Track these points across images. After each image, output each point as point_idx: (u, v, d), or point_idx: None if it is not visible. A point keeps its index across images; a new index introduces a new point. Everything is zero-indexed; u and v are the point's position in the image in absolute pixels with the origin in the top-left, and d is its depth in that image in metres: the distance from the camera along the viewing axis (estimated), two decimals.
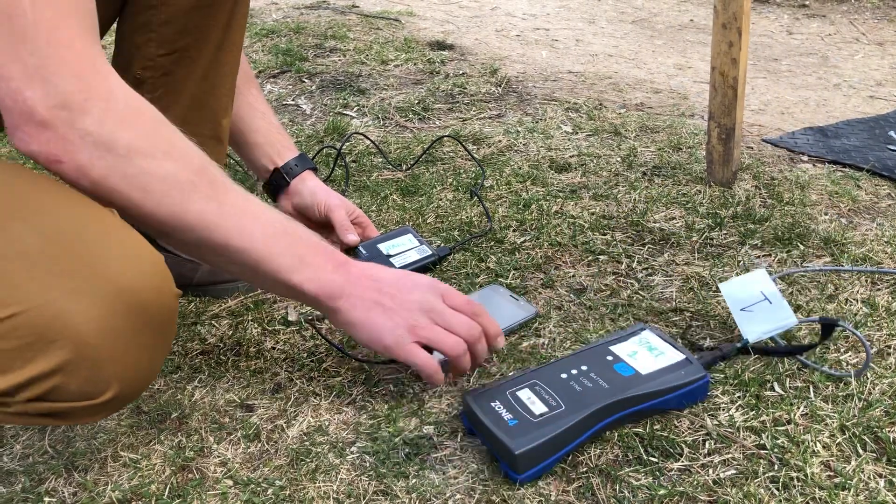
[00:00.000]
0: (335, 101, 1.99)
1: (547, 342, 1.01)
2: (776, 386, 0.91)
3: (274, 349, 1.02)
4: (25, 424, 0.88)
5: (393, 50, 2.41)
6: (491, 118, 1.86)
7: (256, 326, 1.06)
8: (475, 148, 1.64)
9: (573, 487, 0.79)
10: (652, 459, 0.82)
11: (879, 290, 1.10)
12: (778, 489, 0.78)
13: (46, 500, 0.79)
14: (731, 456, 0.82)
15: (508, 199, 1.39)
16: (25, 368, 0.63)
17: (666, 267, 1.18)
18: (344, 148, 1.62)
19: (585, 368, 0.88)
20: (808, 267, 1.16)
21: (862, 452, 0.81)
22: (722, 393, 0.90)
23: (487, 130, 1.75)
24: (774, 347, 0.97)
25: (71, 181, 0.68)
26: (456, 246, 1.23)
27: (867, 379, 0.91)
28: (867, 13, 3.02)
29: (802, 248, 1.21)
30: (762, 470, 0.80)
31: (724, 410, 0.88)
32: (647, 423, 0.86)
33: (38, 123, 0.64)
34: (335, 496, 0.79)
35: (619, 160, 1.56)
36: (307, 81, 2.15)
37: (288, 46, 2.41)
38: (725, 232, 1.26)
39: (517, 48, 2.54)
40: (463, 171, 1.52)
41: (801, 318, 0.99)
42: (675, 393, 0.86)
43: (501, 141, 1.67)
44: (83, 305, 0.63)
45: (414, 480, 0.80)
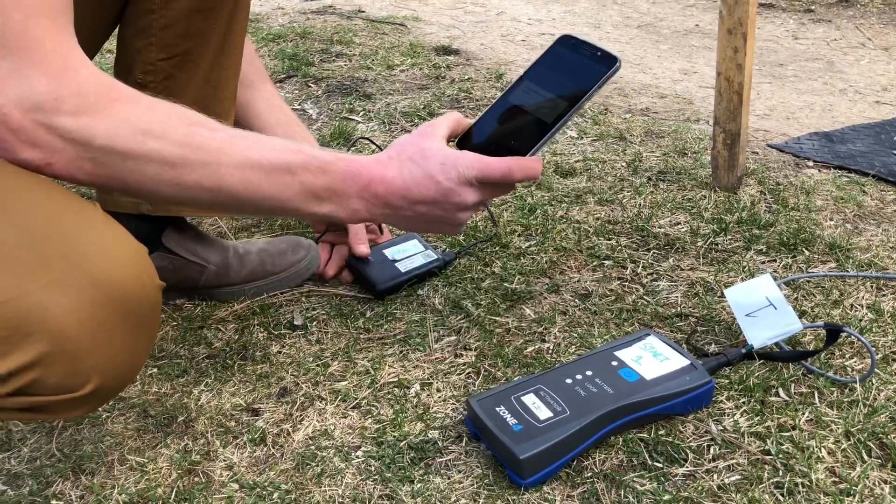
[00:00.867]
0: (341, 105, 2.00)
1: (552, 347, 1.01)
2: (781, 391, 0.91)
3: (280, 353, 1.02)
4: (7, 419, 0.88)
5: (399, 55, 2.42)
6: None
7: (262, 330, 1.07)
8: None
9: (578, 492, 0.79)
10: (657, 465, 0.82)
11: (885, 295, 1.10)
12: (783, 495, 0.78)
13: (54, 502, 0.80)
14: (735, 461, 0.82)
15: (513, 204, 1.39)
16: (2, 362, 0.63)
17: (671, 272, 1.18)
18: (349, 153, 1.62)
19: (590, 373, 0.88)
20: (813, 272, 1.16)
21: (867, 458, 0.81)
22: (727, 398, 0.91)
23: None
24: (779, 353, 0.97)
25: (67, 179, 0.69)
26: (461, 251, 1.23)
27: (872, 385, 0.92)
28: (873, 18, 3.02)
29: (808, 253, 1.21)
30: (767, 475, 0.80)
31: (728, 416, 0.88)
32: (651, 428, 0.86)
33: (13, 129, 0.64)
34: (340, 500, 0.79)
35: (624, 165, 1.56)
36: (313, 86, 2.16)
37: (294, 51, 2.42)
38: (730, 237, 1.27)
39: (523, 53, 2.55)
40: None
41: (806, 323, 1.00)
42: (679, 398, 0.86)
43: None
44: (60, 297, 0.63)
45: (419, 485, 0.81)
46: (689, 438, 0.85)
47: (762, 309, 0.96)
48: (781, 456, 0.82)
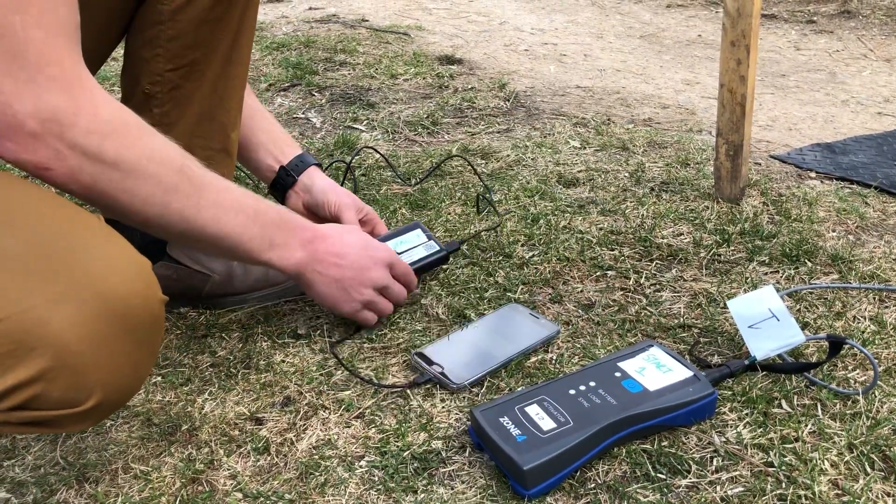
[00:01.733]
0: (345, 114, 2.01)
1: (555, 357, 1.01)
2: (784, 403, 0.92)
3: (283, 362, 1.02)
4: (11, 433, 0.89)
5: (402, 64, 2.43)
6: (499, 133, 1.87)
7: (266, 339, 1.07)
8: (483, 162, 1.64)
9: (581, 503, 0.79)
10: (660, 476, 0.82)
11: (887, 307, 1.10)
12: None
13: None
14: (738, 473, 0.82)
15: (517, 213, 1.40)
16: (6, 377, 0.63)
17: (674, 283, 1.18)
18: (353, 162, 1.63)
19: (594, 384, 0.88)
20: (815, 284, 1.16)
21: (870, 471, 0.82)
22: (730, 410, 0.91)
23: (496, 145, 1.76)
24: (782, 365, 0.97)
25: (59, 186, 0.72)
26: (465, 240, 1.23)
27: (875, 397, 0.92)
28: (875, 29, 3.03)
29: (810, 265, 1.21)
30: (770, 487, 0.80)
31: (731, 427, 0.88)
32: (654, 439, 0.86)
33: (28, 135, 0.67)
34: None
35: (627, 175, 1.57)
36: (317, 95, 2.17)
37: (298, 60, 2.43)
38: (733, 248, 1.27)
39: (525, 63, 2.56)
40: (471, 185, 1.53)
41: (808, 335, 1.00)
42: (682, 409, 0.86)
43: (510, 155, 1.68)
44: (63, 312, 0.64)
45: (422, 495, 0.81)
46: (692, 450, 0.85)
47: (765, 320, 0.97)
48: (784, 468, 0.82)
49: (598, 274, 1.21)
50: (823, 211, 1.40)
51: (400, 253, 1.16)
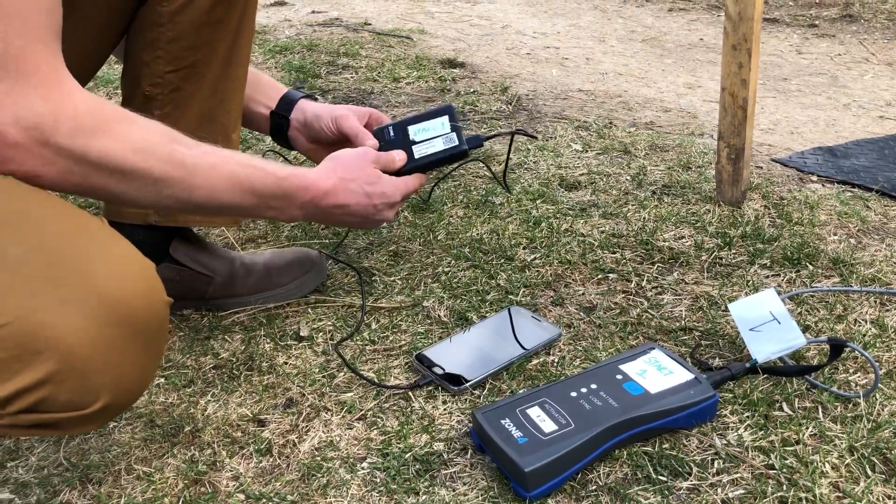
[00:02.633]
0: None
1: (557, 360, 1.02)
2: (785, 406, 0.92)
3: (286, 364, 1.03)
4: (18, 435, 0.89)
5: (404, 67, 2.43)
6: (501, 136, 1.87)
7: (269, 341, 1.07)
8: (483, 166, 1.65)
9: None
10: (661, 478, 0.82)
11: (888, 310, 1.11)
12: None
13: None
14: (739, 475, 0.82)
15: (519, 216, 1.40)
16: (13, 381, 0.64)
17: (675, 286, 1.18)
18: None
19: (595, 387, 0.89)
20: (816, 287, 1.16)
21: (871, 474, 0.82)
22: (731, 412, 0.91)
23: (498, 148, 1.76)
24: (783, 367, 0.98)
25: (51, 189, 0.72)
26: (490, 136, 1.20)
27: (876, 400, 0.92)
28: (877, 33, 3.03)
29: (811, 268, 1.21)
30: (771, 490, 0.80)
31: (732, 430, 0.88)
32: (656, 441, 0.87)
33: (11, 145, 0.68)
34: None
35: (628, 179, 1.57)
36: (320, 98, 2.17)
37: (301, 63, 2.43)
38: (734, 251, 1.27)
39: (528, 66, 2.56)
40: (474, 188, 1.53)
41: (809, 338, 1.00)
42: (683, 412, 0.87)
43: (512, 158, 1.68)
44: (69, 316, 0.64)
45: (424, 497, 0.81)
46: (693, 452, 0.86)
47: (766, 323, 0.97)
48: (785, 470, 0.82)
49: (599, 277, 1.21)
50: (825, 214, 1.40)
51: (417, 142, 1.11)
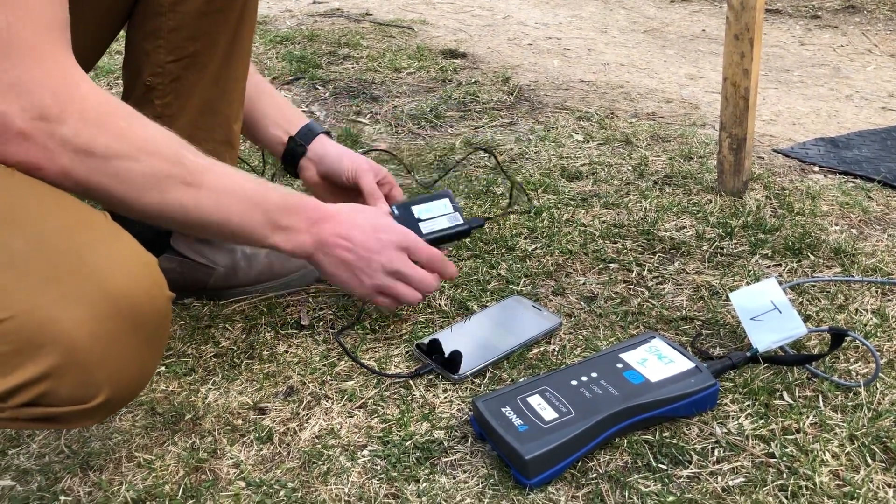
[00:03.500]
0: (348, 108, 2.01)
1: (557, 349, 1.02)
2: (785, 395, 0.92)
3: (287, 353, 1.03)
4: (19, 429, 0.89)
5: (406, 58, 2.43)
6: (503, 126, 1.87)
7: (269, 330, 1.07)
8: (486, 156, 1.65)
9: (582, 493, 0.80)
10: (661, 466, 0.82)
11: (889, 300, 1.10)
12: (786, 498, 0.78)
13: (62, 498, 0.81)
14: (739, 464, 0.82)
15: (520, 207, 1.40)
16: (15, 374, 0.63)
17: (676, 276, 1.18)
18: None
19: (595, 375, 0.89)
20: (818, 277, 1.16)
21: (871, 462, 0.82)
22: (731, 401, 0.91)
23: (499, 138, 1.76)
24: (784, 357, 0.98)
25: (53, 183, 0.71)
26: (491, 217, 1.22)
27: (876, 389, 0.92)
28: (879, 25, 3.02)
29: (813, 258, 1.21)
30: (771, 478, 0.80)
31: (733, 419, 0.88)
32: (656, 430, 0.87)
33: (16, 134, 0.67)
34: (346, 499, 0.80)
35: (630, 169, 1.57)
36: (321, 88, 2.17)
37: (302, 53, 2.43)
38: (736, 241, 1.27)
39: (529, 57, 2.55)
40: (475, 178, 1.53)
41: (810, 327, 1.00)
42: (684, 401, 0.87)
43: (513, 149, 1.68)
44: (71, 310, 0.64)
45: (424, 484, 0.81)
46: (693, 441, 0.86)
47: (767, 313, 0.97)
48: (785, 459, 0.82)
49: (600, 266, 1.21)
50: (826, 205, 1.40)
51: (422, 220, 1.13)
